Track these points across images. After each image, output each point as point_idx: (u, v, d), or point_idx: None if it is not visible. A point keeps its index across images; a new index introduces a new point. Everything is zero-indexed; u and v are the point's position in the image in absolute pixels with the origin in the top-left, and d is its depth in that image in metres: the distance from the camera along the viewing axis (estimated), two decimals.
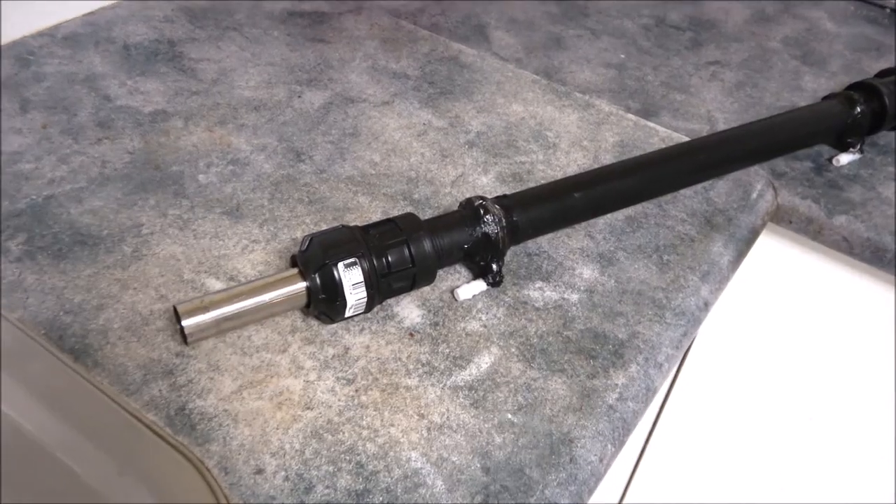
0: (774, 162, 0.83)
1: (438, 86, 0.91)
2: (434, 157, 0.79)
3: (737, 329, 0.96)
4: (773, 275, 0.90)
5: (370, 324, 0.61)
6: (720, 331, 0.96)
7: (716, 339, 0.97)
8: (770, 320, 0.94)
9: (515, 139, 0.83)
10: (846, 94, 0.85)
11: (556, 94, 0.91)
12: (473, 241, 0.62)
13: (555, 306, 0.64)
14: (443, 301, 0.63)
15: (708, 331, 0.96)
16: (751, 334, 0.96)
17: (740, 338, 0.97)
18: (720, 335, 0.96)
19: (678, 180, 0.76)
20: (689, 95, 0.94)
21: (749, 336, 0.96)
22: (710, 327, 0.95)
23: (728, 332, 0.96)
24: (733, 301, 0.92)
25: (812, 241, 0.80)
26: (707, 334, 0.96)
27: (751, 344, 0.96)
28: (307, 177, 0.75)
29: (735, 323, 0.95)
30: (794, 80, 0.98)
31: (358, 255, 0.57)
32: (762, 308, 0.93)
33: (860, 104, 0.83)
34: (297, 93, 0.87)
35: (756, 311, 0.94)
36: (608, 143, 0.83)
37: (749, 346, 0.97)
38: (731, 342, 0.97)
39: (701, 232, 0.72)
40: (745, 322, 0.95)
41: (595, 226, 0.72)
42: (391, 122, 0.84)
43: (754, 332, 0.95)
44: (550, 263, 0.68)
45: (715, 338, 0.96)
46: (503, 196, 0.66)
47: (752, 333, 0.96)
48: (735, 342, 0.97)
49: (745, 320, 0.95)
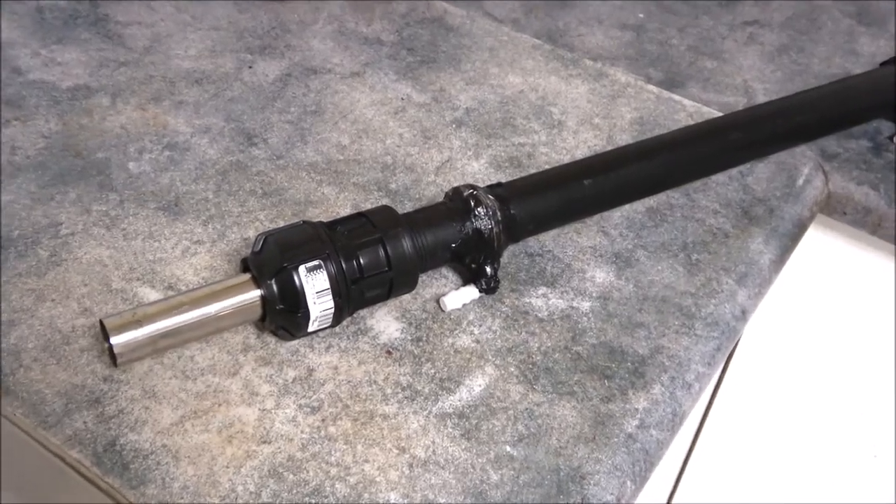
0: (824, 141, 0.84)
1: (419, 53, 0.91)
2: (414, 139, 0.80)
3: (780, 341, 0.97)
4: (823, 276, 0.91)
5: (339, 340, 0.61)
6: (760, 343, 0.97)
7: (756, 353, 0.98)
8: (821, 329, 0.95)
9: (513, 116, 0.84)
10: None
11: (562, 61, 0.92)
12: (462, 239, 0.63)
13: (562, 317, 0.64)
14: (426, 312, 0.64)
15: (747, 344, 0.97)
16: (797, 346, 0.97)
17: (784, 351, 0.98)
18: (760, 348, 0.97)
19: (709, 164, 0.77)
20: (721, 62, 0.95)
21: (795, 349, 0.97)
22: (749, 339, 0.96)
23: (770, 345, 0.97)
24: (776, 308, 0.93)
25: (870, 235, 0.81)
26: (746, 347, 0.97)
27: (797, 358, 0.98)
28: (261, 164, 0.75)
29: (778, 334, 0.96)
30: (847, 43, 0.99)
31: (322, 257, 0.57)
32: (811, 315, 0.94)
33: None
34: (247, 63, 0.87)
35: (804, 318, 0.95)
36: (625, 121, 0.84)
37: (795, 361, 0.98)
38: (773, 356, 0.98)
39: (737, 226, 0.74)
40: (789, 333, 0.96)
41: (610, 219, 0.73)
42: (362, 97, 0.85)
43: (801, 343, 0.97)
44: (556, 265, 0.69)
45: (755, 351, 0.98)
46: (498, 185, 0.67)
47: (799, 345, 0.97)
48: (778, 356, 0.98)
49: (791, 330, 0.96)
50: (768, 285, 0.71)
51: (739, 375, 1.00)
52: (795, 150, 0.82)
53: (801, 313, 0.95)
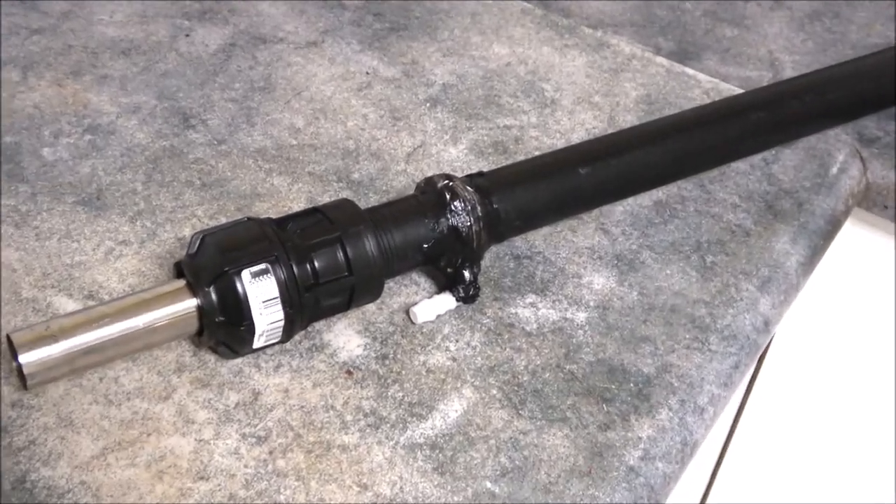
0: (862, 123, 0.85)
1: (388, 18, 0.92)
2: (382, 121, 0.81)
3: (809, 354, 0.98)
4: (861, 279, 0.92)
5: (290, 358, 0.62)
6: (788, 356, 0.98)
7: (784, 366, 0.99)
8: (857, 341, 0.96)
9: (498, 94, 0.85)
10: None
11: (557, 29, 0.93)
12: (436, 239, 0.64)
13: (553, 330, 0.65)
14: (394, 324, 0.65)
15: (774, 357, 0.98)
16: (829, 360, 0.98)
17: (815, 365, 0.99)
18: (788, 361, 0.99)
19: (727, 149, 0.78)
20: (743, 30, 0.96)
21: (826, 362, 0.98)
22: (776, 352, 0.97)
23: (798, 358, 0.98)
24: (805, 318, 0.94)
25: None
26: (773, 360, 0.98)
27: (829, 372, 0.99)
28: (199, 150, 0.76)
29: (807, 346, 0.97)
30: (889, 9, 1.00)
31: (270, 260, 0.58)
32: (845, 326, 0.96)
33: None
34: (183, 30, 0.88)
35: (836, 329, 0.96)
36: (629, 99, 0.85)
37: (827, 375, 0.99)
38: (802, 369, 0.99)
39: (760, 222, 0.75)
40: (820, 345, 0.97)
41: (610, 215, 0.74)
42: (320, 70, 0.85)
43: (834, 357, 0.98)
44: (547, 269, 0.69)
45: (782, 364, 0.99)
46: (478, 174, 0.68)
47: (832, 359, 0.98)
48: (808, 369, 0.99)
49: (822, 342, 0.97)
50: (796, 292, 0.72)
51: (767, 389, 1.01)
52: (828, 133, 0.83)
53: (833, 323, 0.96)
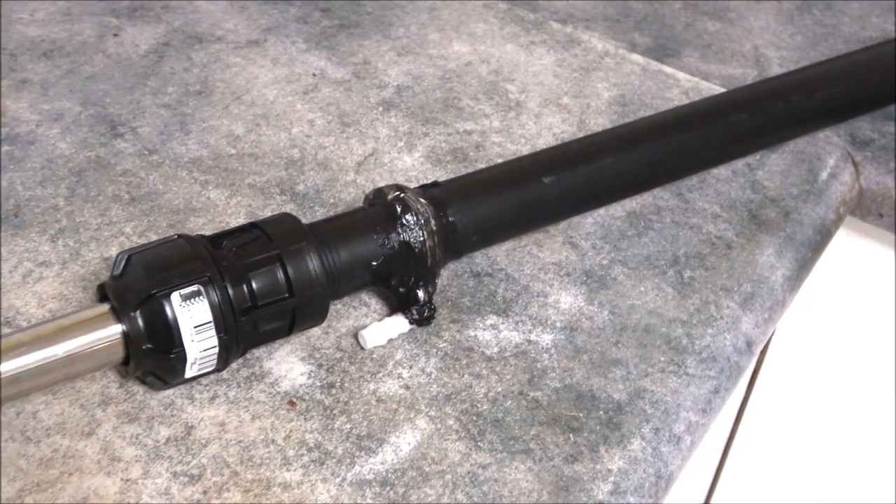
0: (855, 124, 0.87)
1: (337, 14, 0.93)
2: (330, 127, 0.81)
3: (799, 372, 0.99)
4: (854, 294, 0.94)
5: (227, 388, 0.62)
6: (777, 376, 0.99)
7: (775, 388, 1.00)
8: (848, 360, 0.97)
9: (458, 96, 0.86)
10: None
11: (523, 25, 0.94)
12: (386, 256, 0.65)
13: (516, 354, 0.66)
14: (341, 350, 0.65)
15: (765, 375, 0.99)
16: (820, 380, 0.99)
17: (805, 385, 1.00)
18: (777, 381, 1.00)
19: (708, 154, 0.79)
20: (727, 24, 0.97)
21: (817, 382, 0.99)
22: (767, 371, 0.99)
23: (789, 378, 0.99)
24: (793, 335, 0.95)
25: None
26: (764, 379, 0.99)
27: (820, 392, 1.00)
28: (128, 161, 0.76)
29: (797, 364, 0.99)
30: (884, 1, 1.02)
31: (202, 281, 0.58)
32: (835, 343, 0.97)
33: None
34: (111, 29, 0.88)
35: (826, 347, 0.97)
36: (601, 100, 0.86)
37: (819, 395, 1.00)
38: (793, 390, 1.00)
39: (743, 233, 0.76)
40: (809, 363, 0.98)
41: (579, 228, 0.75)
42: (262, 72, 0.86)
43: (824, 377, 0.99)
44: (510, 288, 0.70)
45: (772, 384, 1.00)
46: (433, 184, 0.69)
47: (822, 379, 0.99)
48: (799, 389, 1.00)
49: (811, 361, 0.98)
50: (782, 308, 0.74)
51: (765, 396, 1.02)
52: (818, 135, 0.85)
53: (826, 341, 0.97)
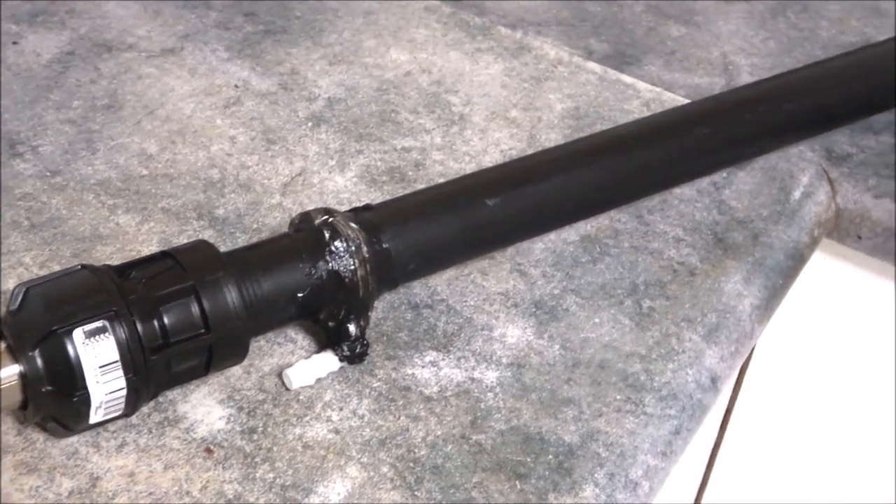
0: (832, 138, 0.89)
1: (262, 19, 0.93)
2: (253, 144, 0.82)
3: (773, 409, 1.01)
4: (830, 324, 0.96)
5: (137, 434, 0.63)
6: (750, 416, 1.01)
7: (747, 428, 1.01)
8: (824, 397, 0.99)
9: (395, 109, 0.87)
10: None
11: (468, 30, 0.95)
12: (314, 287, 0.65)
13: (458, 393, 0.67)
14: (264, 391, 0.66)
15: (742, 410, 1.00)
16: (796, 418, 1.01)
17: (781, 423, 1.02)
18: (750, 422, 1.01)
19: (670, 172, 0.80)
20: (692, 28, 0.99)
21: (793, 420, 1.01)
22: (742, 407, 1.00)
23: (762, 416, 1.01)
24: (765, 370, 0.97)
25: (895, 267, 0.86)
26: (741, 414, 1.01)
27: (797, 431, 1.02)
28: (28, 183, 0.77)
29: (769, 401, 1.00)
30: (864, 3, 1.04)
31: (108, 316, 0.58)
32: (811, 378, 0.99)
33: None
34: (11, 36, 0.88)
35: (801, 382, 0.99)
36: (554, 113, 0.88)
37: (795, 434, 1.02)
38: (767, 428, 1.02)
39: (707, 259, 0.77)
40: (783, 399, 1.00)
41: (528, 254, 0.77)
42: (178, 84, 0.87)
43: (801, 415, 1.01)
44: (452, 320, 0.71)
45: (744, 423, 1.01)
46: (365, 207, 0.70)
47: (798, 417, 1.01)
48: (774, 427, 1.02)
49: (786, 397, 1.00)
50: (750, 341, 0.75)
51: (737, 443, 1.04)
52: (790, 150, 0.86)
53: (801, 371, 0.99)
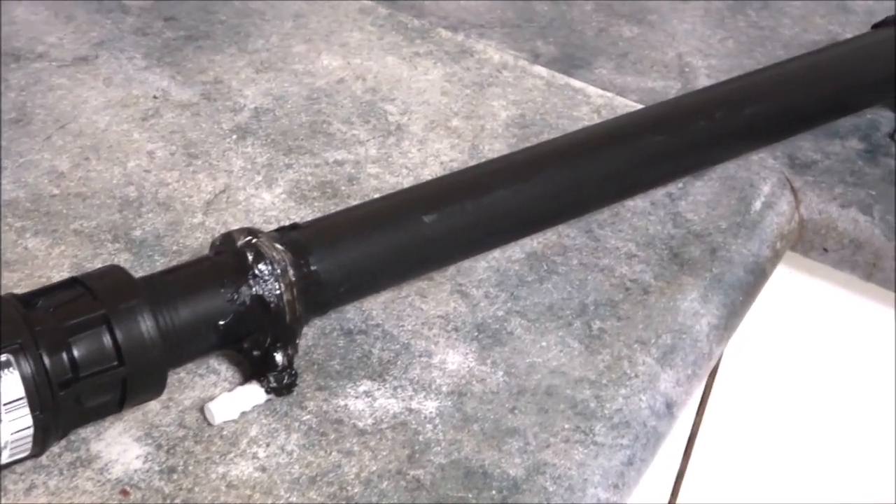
0: (795, 144, 0.90)
1: (183, 24, 0.93)
2: (174, 159, 0.82)
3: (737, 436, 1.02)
4: (795, 343, 0.97)
5: (47, 476, 0.62)
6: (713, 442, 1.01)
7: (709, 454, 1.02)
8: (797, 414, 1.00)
9: (327, 120, 0.87)
10: None
11: (406, 33, 0.95)
12: (237, 313, 0.65)
13: (394, 425, 0.67)
14: (185, 427, 0.66)
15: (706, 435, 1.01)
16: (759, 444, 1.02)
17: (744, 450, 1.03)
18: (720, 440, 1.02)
19: (621, 183, 0.81)
20: (646, 28, 1.00)
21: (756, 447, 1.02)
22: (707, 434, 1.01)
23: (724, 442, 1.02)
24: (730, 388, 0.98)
25: (864, 281, 0.86)
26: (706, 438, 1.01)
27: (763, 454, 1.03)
28: None
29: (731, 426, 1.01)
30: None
31: (12, 349, 0.58)
32: (783, 395, 0.99)
33: None
34: None
35: (765, 405, 1.00)
36: (498, 121, 0.88)
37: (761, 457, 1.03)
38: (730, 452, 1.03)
39: (662, 276, 0.78)
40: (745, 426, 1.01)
41: (470, 274, 0.77)
42: (92, 95, 0.86)
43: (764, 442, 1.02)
44: (388, 347, 0.72)
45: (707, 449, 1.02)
46: (292, 227, 0.70)
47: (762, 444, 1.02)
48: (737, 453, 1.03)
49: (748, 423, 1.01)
50: (708, 362, 0.76)
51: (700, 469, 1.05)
52: (751, 158, 0.87)
53: (764, 394, 1.00)
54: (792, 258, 0.89)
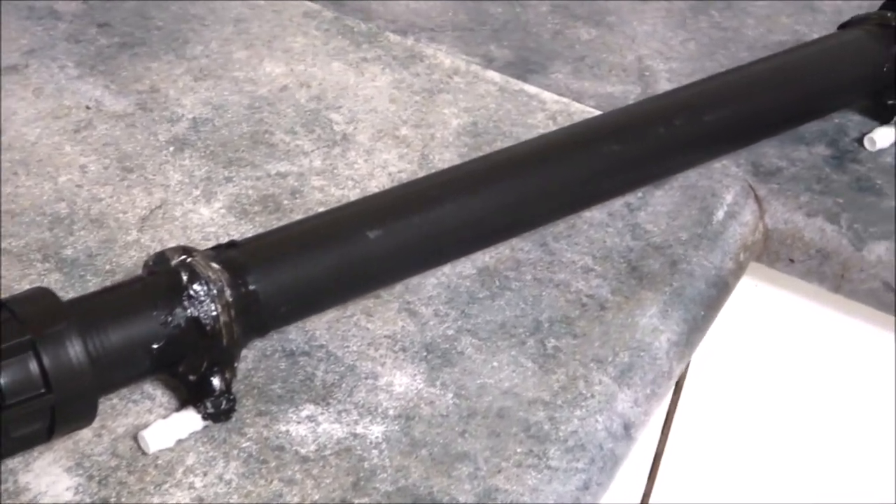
0: (759, 150, 0.90)
1: (118, 30, 0.93)
2: (107, 173, 0.82)
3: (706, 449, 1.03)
4: (761, 358, 0.97)
5: None
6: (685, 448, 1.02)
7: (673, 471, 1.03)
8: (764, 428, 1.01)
9: (270, 130, 0.87)
10: (881, 16, 0.93)
11: (352, 37, 0.95)
12: (171, 337, 0.65)
13: (338, 451, 0.67)
14: (118, 456, 0.66)
15: None
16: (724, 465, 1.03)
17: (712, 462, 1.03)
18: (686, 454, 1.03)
19: (578, 194, 0.82)
20: (605, 30, 1.00)
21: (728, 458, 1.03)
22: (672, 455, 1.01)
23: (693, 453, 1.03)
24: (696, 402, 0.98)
25: (831, 292, 0.87)
26: None
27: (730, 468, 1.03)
28: None
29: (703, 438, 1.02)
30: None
31: None
32: (749, 410, 1.00)
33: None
34: None
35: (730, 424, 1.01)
36: (449, 129, 0.89)
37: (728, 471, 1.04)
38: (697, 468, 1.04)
39: (620, 290, 0.78)
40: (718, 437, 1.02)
41: (419, 291, 0.77)
42: (21, 106, 0.86)
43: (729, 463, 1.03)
44: (332, 369, 0.72)
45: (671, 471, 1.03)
46: (229, 245, 0.70)
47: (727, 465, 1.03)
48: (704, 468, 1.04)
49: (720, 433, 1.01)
50: (668, 381, 0.76)
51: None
52: (713, 166, 0.88)
53: (731, 408, 1.01)
54: (757, 269, 0.89)
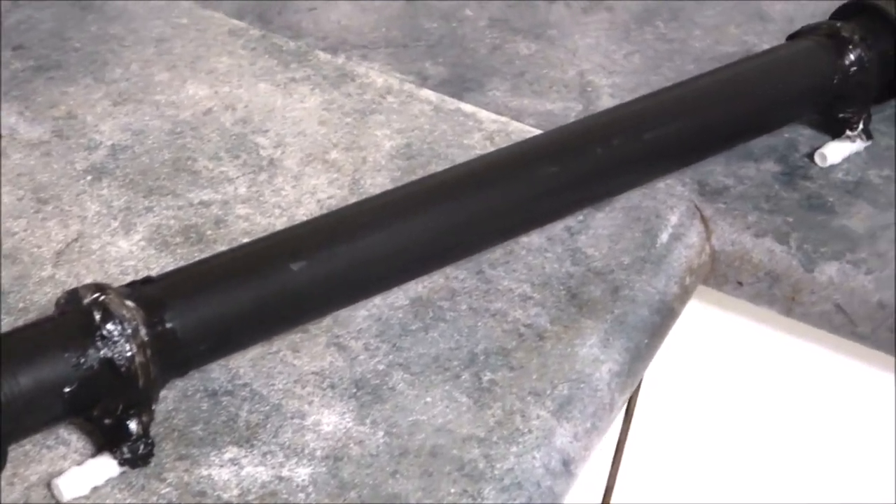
0: (705, 169, 0.91)
1: (33, 53, 0.93)
2: (21, 205, 0.82)
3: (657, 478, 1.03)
4: (715, 381, 0.98)
5: None
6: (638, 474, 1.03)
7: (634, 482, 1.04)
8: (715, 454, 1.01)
9: (192, 156, 0.87)
10: (831, 26, 0.94)
11: (280, 57, 0.96)
12: (84, 379, 0.65)
13: (263, 496, 0.67)
14: None
15: None
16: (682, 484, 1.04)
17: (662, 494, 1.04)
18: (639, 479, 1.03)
19: (515, 218, 0.82)
20: (545, 44, 1.01)
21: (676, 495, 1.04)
22: None
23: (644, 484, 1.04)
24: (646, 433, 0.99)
25: (782, 316, 0.88)
26: None
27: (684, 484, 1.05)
28: None
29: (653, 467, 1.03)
30: (747, 4, 1.06)
31: None
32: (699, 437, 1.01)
33: (857, 45, 0.92)
34: None
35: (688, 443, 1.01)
36: (382, 152, 0.89)
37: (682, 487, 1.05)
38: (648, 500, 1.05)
39: (559, 319, 0.79)
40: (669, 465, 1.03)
41: (348, 324, 0.78)
42: None
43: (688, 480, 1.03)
44: (256, 408, 0.72)
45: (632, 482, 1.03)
46: (145, 280, 0.70)
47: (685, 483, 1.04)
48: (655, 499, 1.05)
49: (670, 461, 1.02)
50: (609, 413, 0.76)
51: None
52: (657, 185, 0.89)
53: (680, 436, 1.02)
54: (705, 293, 0.90)
